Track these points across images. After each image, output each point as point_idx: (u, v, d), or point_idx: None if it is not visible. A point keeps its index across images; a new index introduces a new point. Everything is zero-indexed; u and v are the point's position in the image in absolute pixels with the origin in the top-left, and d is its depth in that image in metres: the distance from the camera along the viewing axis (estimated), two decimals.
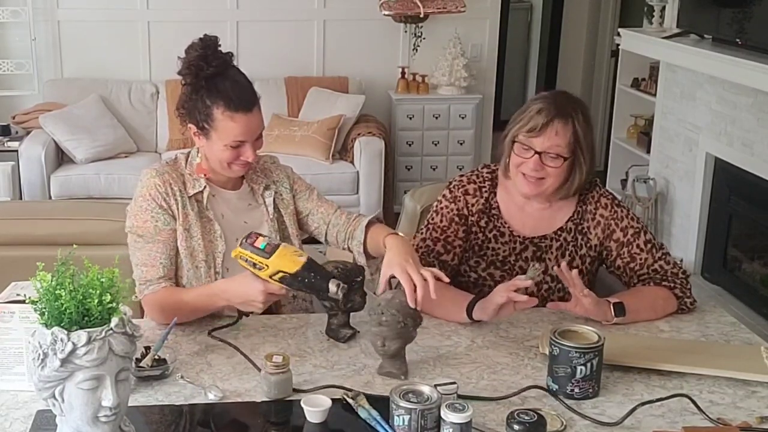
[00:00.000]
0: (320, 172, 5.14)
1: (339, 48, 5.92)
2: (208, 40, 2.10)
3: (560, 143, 2.16)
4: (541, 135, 2.16)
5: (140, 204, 2.11)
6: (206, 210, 2.15)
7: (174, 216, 2.11)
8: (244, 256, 1.88)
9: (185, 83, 2.12)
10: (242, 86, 2.11)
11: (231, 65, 2.13)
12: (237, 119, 2.07)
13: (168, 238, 2.11)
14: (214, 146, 2.11)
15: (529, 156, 2.17)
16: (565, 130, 2.16)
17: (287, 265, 1.85)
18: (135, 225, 2.11)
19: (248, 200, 2.24)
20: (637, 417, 1.71)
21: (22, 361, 1.72)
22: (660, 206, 5.07)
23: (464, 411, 1.55)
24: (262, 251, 1.86)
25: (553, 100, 2.20)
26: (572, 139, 2.17)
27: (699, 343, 2.08)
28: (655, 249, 2.26)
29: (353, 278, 2.01)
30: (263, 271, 1.87)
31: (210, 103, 2.08)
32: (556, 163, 2.17)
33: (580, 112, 2.19)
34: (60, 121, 5.22)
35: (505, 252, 2.28)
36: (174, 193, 2.12)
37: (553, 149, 2.16)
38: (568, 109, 2.18)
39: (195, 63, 2.08)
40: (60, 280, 1.44)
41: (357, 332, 2.03)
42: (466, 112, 5.86)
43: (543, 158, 2.16)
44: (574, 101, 2.23)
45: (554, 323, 2.06)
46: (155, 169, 2.15)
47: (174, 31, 5.47)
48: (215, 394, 1.75)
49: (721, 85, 4.38)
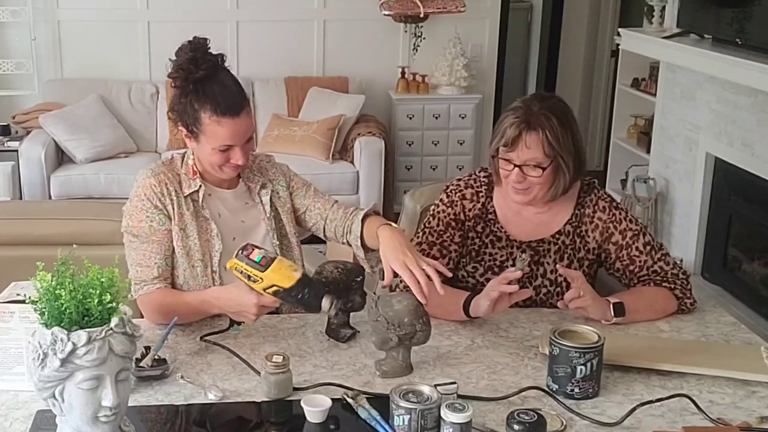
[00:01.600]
0: (320, 172, 5.14)
1: (339, 48, 5.92)
2: (198, 43, 2.08)
3: (535, 155, 2.14)
4: (515, 149, 2.14)
5: (136, 204, 2.11)
6: (202, 209, 2.15)
7: (169, 216, 2.11)
8: (240, 268, 1.89)
9: (175, 86, 2.11)
10: (230, 90, 2.09)
11: (221, 68, 2.11)
12: (224, 124, 2.07)
13: (163, 238, 2.11)
14: (203, 149, 2.11)
15: (510, 169, 2.17)
16: (536, 141, 2.13)
17: (282, 280, 1.86)
18: (130, 225, 2.12)
19: (245, 199, 2.24)
20: (637, 417, 1.71)
21: (22, 361, 1.72)
22: (660, 206, 5.07)
23: (464, 411, 1.55)
24: (258, 264, 1.86)
25: (524, 111, 2.15)
26: (547, 147, 2.13)
27: (699, 343, 2.08)
28: (654, 250, 2.25)
29: (353, 278, 2.01)
30: (257, 284, 1.87)
31: (198, 107, 2.07)
32: (536, 173, 2.15)
33: (554, 117, 2.14)
34: (60, 121, 5.22)
35: (502, 257, 2.28)
36: (170, 193, 2.12)
37: (531, 161, 2.14)
38: (539, 119, 2.13)
39: (184, 66, 2.07)
40: (60, 280, 1.44)
41: (357, 332, 2.03)
42: (466, 112, 5.87)
43: (524, 170, 2.15)
44: (548, 106, 2.17)
45: (554, 323, 2.06)
46: (151, 170, 2.15)
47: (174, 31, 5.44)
48: (215, 394, 1.75)
49: (721, 85, 4.38)
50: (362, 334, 2.02)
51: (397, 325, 1.82)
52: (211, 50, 2.09)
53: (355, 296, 2.01)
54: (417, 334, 1.84)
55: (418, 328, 1.83)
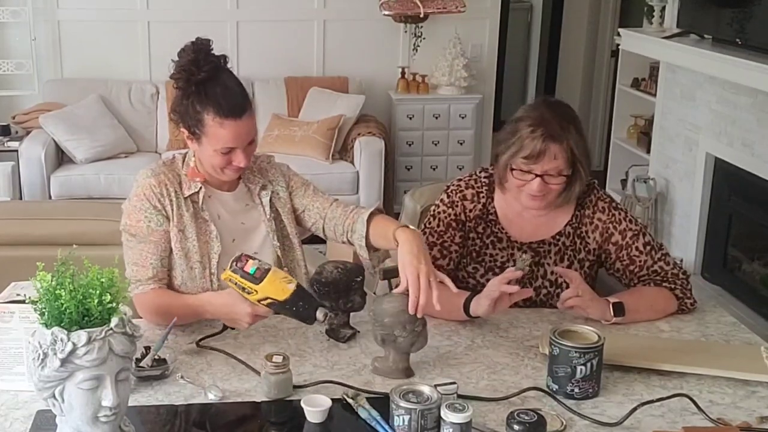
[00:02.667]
0: (320, 172, 5.14)
1: (339, 48, 5.92)
2: (200, 44, 2.07)
3: (560, 164, 2.14)
4: (540, 161, 2.13)
5: (134, 203, 2.11)
6: (202, 211, 2.15)
7: (168, 217, 2.11)
8: (234, 280, 1.89)
9: (177, 87, 2.11)
10: (233, 92, 2.09)
11: (223, 69, 2.10)
12: (227, 126, 2.06)
13: (160, 239, 2.11)
14: (205, 151, 2.11)
15: (530, 179, 2.16)
16: (562, 151, 2.13)
17: (277, 293, 1.87)
18: (128, 224, 2.12)
19: (245, 201, 2.24)
20: (637, 417, 1.71)
21: (22, 361, 1.72)
22: (660, 206, 5.07)
23: (464, 411, 1.55)
24: (252, 276, 1.87)
25: (542, 121, 2.14)
26: (570, 156, 2.15)
27: (699, 343, 2.08)
28: (654, 251, 2.25)
29: (353, 278, 2.01)
30: (252, 296, 1.89)
31: (200, 109, 2.07)
32: (558, 181, 2.16)
33: (572, 126, 2.15)
34: (60, 121, 5.22)
35: (503, 258, 2.28)
36: (169, 194, 2.12)
37: (554, 170, 2.15)
38: (561, 130, 2.13)
39: (186, 67, 2.06)
40: (60, 280, 1.44)
41: (357, 332, 2.03)
42: (466, 112, 5.87)
43: (545, 179, 2.15)
44: (563, 115, 2.17)
45: (554, 323, 2.06)
46: (151, 170, 2.15)
47: (174, 31, 5.47)
48: (215, 394, 1.75)
49: (721, 85, 4.38)
50: (362, 334, 2.02)
51: (379, 324, 1.83)
52: (213, 51, 2.09)
53: (355, 296, 2.02)
54: (398, 339, 1.82)
55: (397, 333, 1.82)
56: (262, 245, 2.21)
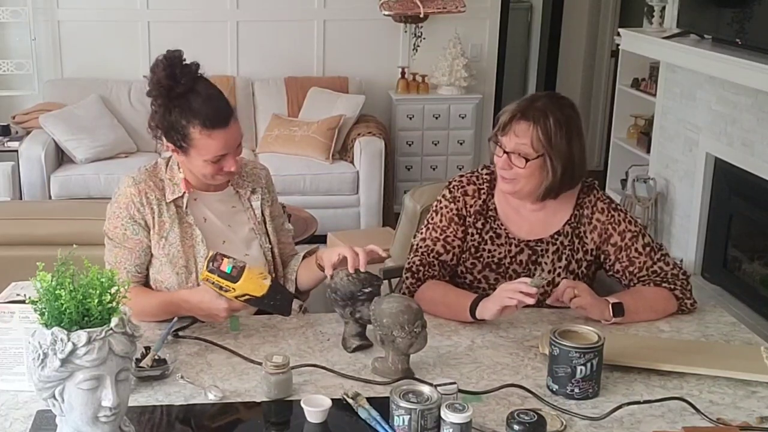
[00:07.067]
0: (320, 172, 5.14)
1: (339, 48, 5.91)
2: (173, 57, 2.06)
3: (524, 143, 2.14)
4: (506, 134, 2.17)
5: (114, 209, 2.14)
6: (186, 215, 2.15)
7: (147, 227, 2.12)
8: (212, 279, 1.95)
9: (156, 103, 2.09)
10: (216, 101, 2.07)
11: (200, 78, 2.08)
12: (215, 136, 2.06)
13: (135, 246, 2.13)
14: (194, 162, 2.10)
15: (500, 155, 2.19)
16: (526, 131, 2.14)
17: (254, 289, 1.95)
18: (107, 227, 2.15)
19: (232, 203, 2.24)
20: (637, 417, 1.71)
21: (22, 361, 1.72)
22: (660, 206, 5.07)
23: (464, 411, 1.55)
24: (229, 275, 1.94)
25: (529, 101, 2.19)
26: (536, 141, 2.14)
27: (699, 343, 2.08)
28: (653, 251, 2.25)
29: (362, 288, 1.94)
30: (230, 293, 1.95)
31: (185, 123, 2.05)
32: (519, 163, 2.16)
33: (553, 116, 2.14)
34: (60, 121, 5.22)
35: (500, 254, 2.28)
36: (150, 203, 2.12)
37: (518, 149, 2.15)
38: (535, 112, 2.14)
39: (164, 83, 2.04)
40: (60, 280, 1.44)
41: (368, 346, 1.97)
42: (466, 112, 5.87)
43: (511, 157, 2.17)
44: (553, 105, 2.17)
45: (554, 323, 2.06)
46: (132, 178, 2.15)
47: (174, 31, 5.48)
48: (215, 394, 1.75)
49: (721, 85, 4.38)
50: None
51: (378, 324, 1.83)
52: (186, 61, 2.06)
53: (362, 307, 1.93)
54: (396, 339, 1.82)
55: (396, 333, 1.81)
56: (248, 247, 2.22)
